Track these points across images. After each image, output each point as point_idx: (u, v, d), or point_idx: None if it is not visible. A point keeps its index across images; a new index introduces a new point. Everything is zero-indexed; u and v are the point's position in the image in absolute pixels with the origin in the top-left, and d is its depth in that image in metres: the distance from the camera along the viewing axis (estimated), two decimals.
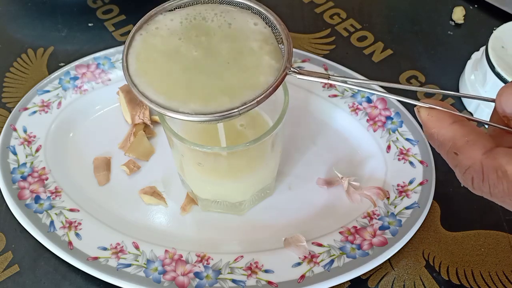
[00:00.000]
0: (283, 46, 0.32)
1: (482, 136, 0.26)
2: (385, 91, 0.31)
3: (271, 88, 0.30)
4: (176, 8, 0.34)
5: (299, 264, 0.39)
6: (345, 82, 0.31)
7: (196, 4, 0.34)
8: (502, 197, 0.25)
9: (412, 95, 0.51)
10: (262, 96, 0.30)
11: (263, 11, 0.33)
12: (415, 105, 0.28)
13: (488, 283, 0.40)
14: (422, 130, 0.45)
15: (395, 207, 0.42)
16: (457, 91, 0.52)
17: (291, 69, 0.30)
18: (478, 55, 0.52)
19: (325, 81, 0.30)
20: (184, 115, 0.30)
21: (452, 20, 0.59)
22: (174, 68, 0.32)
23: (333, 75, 0.30)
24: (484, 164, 0.25)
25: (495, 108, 0.27)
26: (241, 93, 0.30)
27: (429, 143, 0.45)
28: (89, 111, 0.49)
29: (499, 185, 0.25)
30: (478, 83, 0.49)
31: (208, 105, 0.30)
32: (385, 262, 0.40)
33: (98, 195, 0.44)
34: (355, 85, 0.31)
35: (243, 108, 0.29)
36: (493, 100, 0.27)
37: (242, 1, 0.34)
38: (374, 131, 0.47)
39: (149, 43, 0.33)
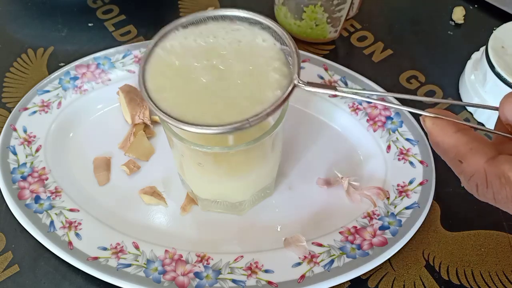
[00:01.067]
0: (291, 59, 0.33)
1: (484, 144, 0.26)
2: (389, 104, 0.32)
3: (280, 101, 0.31)
4: (189, 25, 0.35)
5: (299, 264, 0.39)
6: (353, 93, 0.31)
7: (208, 21, 0.35)
8: (506, 203, 0.26)
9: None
10: (271, 109, 0.31)
11: (271, 26, 0.34)
12: (420, 115, 0.29)
13: (488, 283, 0.40)
14: (427, 138, 0.46)
15: (395, 207, 0.42)
16: (457, 91, 0.52)
17: (300, 81, 0.31)
18: (478, 55, 0.52)
19: (333, 92, 0.31)
20: (198, 128, 0.30)
21: (452, 20, 0.59)
22: (188, 87, 0.33)
23: (340, 87, 0.31)
24: (488, 171, 0.26)
25: (499, 116, 0.28)
26: (252, 108, 0.31)
27: (431, 148, 0.45)
28: (89, 111, 0.49)
29: (502, 191, 0.25)
30: (478, 83, 0.49)
31: (221, 121, 0.31)
32: (385, 262, 0.40)
33: (98, 195, 0.44)
34: (362, 97, 0.32)
35: (253, 120, 0.30)
36: (497, 109, 0.27)
37: (251, 17, 0.35)
38: (374, 131, 0.47)
39: (164, 61, 0.34)
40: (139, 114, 0.48)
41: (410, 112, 0.30)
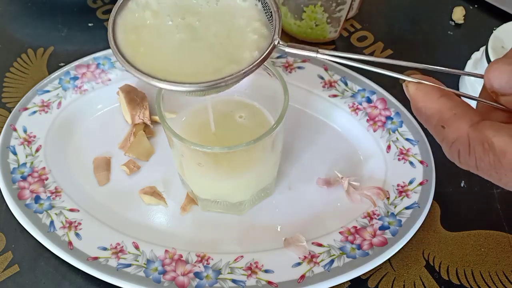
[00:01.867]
0: (272, 19, 0.32)
1: (469, 109, 0.26)
2: (371, 66, 0.30)
3: (258, 60, 0.30)
4: None
5: (299, 264, 0.39)
6: (333, 56, 0.30)
7: None
8: (488, 170, 0.25)
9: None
10: (249, 68, 0.30)
11: None
12: (404, 80, 0.28)
13: (488, 283, 0.40)
14: (427, 137, 0.46)
15: (395, 207, 0.42)
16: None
17: (280, 42, 0.30)
18: (478, 55, 0.52)
19: (313, 54, 0.30)
20: (171, 84, 0.29)
21: (452, 20, 0.59)
22: (162, 45, 0.31)
23: (321, 49, 0.30)
24: (471, 137, 0.25)
25: (484, 84, 0.27)
26: (229, 68, 0.30)
27: (431, 148, 0.45)
28: (89, 111, 0.49)
29: (485, 158, 0.25)
30: (478, 83, 0.49)
31: (197, 79, 0.30)
32: (385, 262, 0.40)
33: (98, 195, 0.44)
34: (343, 59, 0.30)
35: (230, 79, 0.29)
36: (482, 76, 0.27)
37: None
38: (374, 131, 0.47)
39: (138, 16, 0.32)
40: (139, 114, 0.48)
41: (386, 75, 0.29)
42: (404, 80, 0.28)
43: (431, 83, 0.27)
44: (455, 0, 0.61)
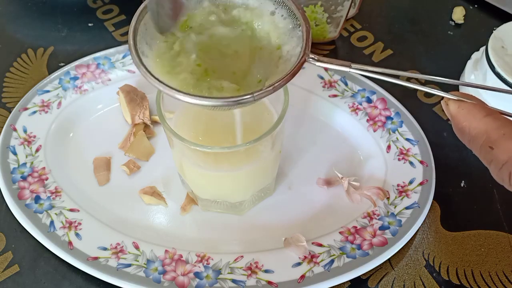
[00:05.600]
0: (300, 33, 0.31)
1: None
2: (408, 84, 0.29)
3: (288, 75, 0.29)
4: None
5: (299, 264, 0.39)
6: (367, 70, 0.29)
7: None
8: None
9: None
10: (278, 83, 0.29)
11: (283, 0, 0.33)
12: (442, 97, 0.26)
13: (488, 283, 0.40)
14: (427, 137, 0.46)
15: (395, 207, 0.42)
16: (457, 91, 0.52)
17: (310, 56, 0.29)
18: (478, 55, 0.52)
19: (346, 69, 0.29)
20: (197, 99, 0.29)
21: (452, 20, 0.59)
22: (187, 60, 0.31)
23: (354, 64, 0.29)
24: None
25: None
26: (258, 85, 0.30)
27: (431, 147, 0.45)
28: (89, 111, 0.49)
29: None
30: (478, 83, 0.49)
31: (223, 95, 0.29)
32: (385, 262, 0.40)
33: (98, 195, 0.44)
34: (376, 75, 0.29)
35: (258, 94, 0.28)
36: (482, 87, 0.26)
37: None
38: (374, 131, 0.47)
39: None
40: (139, 114, 0.48)
41: (426, 92, 0.28)
42: (442, 98, 0.27)
43: (473, 101, 0.26)
44: (455, 0, 0.61)
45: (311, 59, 0.30)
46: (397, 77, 0.29)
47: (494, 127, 0.25)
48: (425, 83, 0.52)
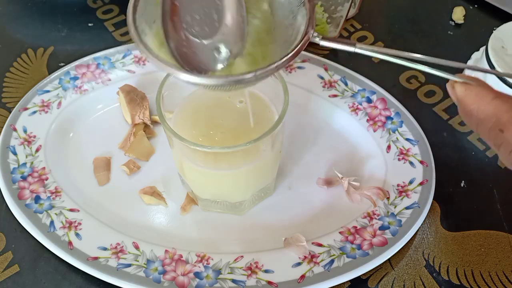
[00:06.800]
0: (305, 10, 0.30)
1: None
2: (413, 64, 0.29)
3: (291, 53, 0.28)
4: None
5: (299, 264, 0.39)
6: (372, 51, 0.28)
7: None
8: None
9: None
10: (282, 62, 0.28)
11: None
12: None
13: (488, 283, 0.40)
14: (427, 137, 0.46)
15: (395, 207, 0.42)
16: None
17: (314, 33, 0.28)
18: (478, 55, 0.51)
19: (351, 49, 0.28)
20: (199, 78, 0.28)
21: (452, 20, 0.59)
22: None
23: (359, 44, 0.28)
24: None
25: None
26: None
27: (431, 147, 0.45)
28: (89, 111, 0.49)
29: None
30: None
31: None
32: (385, 262, 0.40)
33: (98, 195, 0.44)
34: (382, 54, 0.29)
35: (260, 73, 0.28)
36: (486, 71, 0.25)
37: None
38: (374, 131, 0.47)
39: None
40: (139, 114, 0.48)
41: (428, 73, 0.27)
42: (448, 80, 0.25)
43: (480, 84, 0.25)
44: (455, 0, 0.61)
45: (315, 38, 0.29)
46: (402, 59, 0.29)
47: (504, 109, 0.24)
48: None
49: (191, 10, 0.31)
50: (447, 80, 0.28)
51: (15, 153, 0.45)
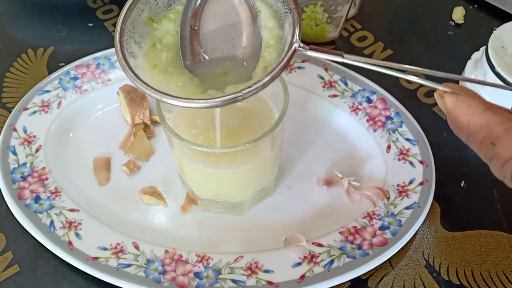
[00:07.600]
0: (291, 19, 0.29)
1: None
2: (401, 74, 0.28)
3: (278, 67, 0.27)
4: None
5: (299, 264, 0.39)
6: (359, 61, 0.28)
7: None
8: None
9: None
10: (267, 78, 0.27)
11: None
12: (435, 89, 0.25)
13: (488, 283, 0.40)
14: (427, 137, 0.46)
15: (395, 207, 0.42)
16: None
17: (300, 45, 0.28)
18: (478, 55, 0.51)
19: (339, 59, 0.28)
20: (186, 101, 0.28)
21: (452, 20, 0.59)
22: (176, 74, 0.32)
23: (346, 54, 0.27)
24: None
25: None
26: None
27: (431, 147, 0.45)
28: (89, 111, 0.49)
29: None
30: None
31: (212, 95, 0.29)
32: (385, 262, 0.40)
33: (98, 195, 0.44)
34: (369, 65, 0.28)
35: (248, 92, 0.27)
36: (482, 82, 0.25)
37: None
38: (374, 131, 0.47)
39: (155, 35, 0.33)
40: (139, 114, 0.48)
41: (420, 84, 0.26)
42: (436, 90, 0.25)
43: (470, 94, 0.24)
44: (455, 0, 0.61)
45: (301, 49, 0.28)
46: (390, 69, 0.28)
47: (496, 122, 0.23)
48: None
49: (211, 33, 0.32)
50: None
51: (15, 153, 0.45)
